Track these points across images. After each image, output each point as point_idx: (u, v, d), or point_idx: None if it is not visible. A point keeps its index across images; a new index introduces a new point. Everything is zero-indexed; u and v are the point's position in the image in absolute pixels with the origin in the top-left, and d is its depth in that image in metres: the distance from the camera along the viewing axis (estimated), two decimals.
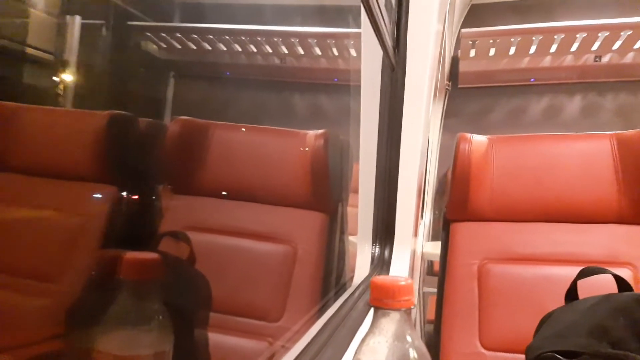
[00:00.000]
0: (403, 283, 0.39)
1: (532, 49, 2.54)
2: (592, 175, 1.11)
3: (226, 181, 1.09)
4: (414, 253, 1.11)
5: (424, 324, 1.76)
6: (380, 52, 1.01)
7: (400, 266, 1.00)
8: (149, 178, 0.84)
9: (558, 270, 1.04)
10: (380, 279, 0.40)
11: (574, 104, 2.71)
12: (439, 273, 1.17)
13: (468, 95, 2.82)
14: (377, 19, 0.78)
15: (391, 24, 0.99)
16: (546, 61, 2.63)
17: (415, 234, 1.09)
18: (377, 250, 1.03)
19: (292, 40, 2.28)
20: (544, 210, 1.12)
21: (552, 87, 2.73)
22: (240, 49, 1.96)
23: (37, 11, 0.51)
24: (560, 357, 0.63)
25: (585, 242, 1.08)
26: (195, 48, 1.46)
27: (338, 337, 0.64)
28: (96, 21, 0.64)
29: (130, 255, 0.46)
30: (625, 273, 1.00)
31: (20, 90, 0.49)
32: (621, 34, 2.36)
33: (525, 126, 2.75)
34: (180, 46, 1.34)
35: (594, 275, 0.76)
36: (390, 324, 0.39)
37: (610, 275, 0.75)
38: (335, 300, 0.85)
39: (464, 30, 2.50)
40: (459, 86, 2.81)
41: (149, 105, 0.86)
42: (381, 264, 1.01)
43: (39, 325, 0.46)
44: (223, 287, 0.98)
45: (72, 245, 0.59)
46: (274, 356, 0.98)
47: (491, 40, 2.50)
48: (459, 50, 2.66)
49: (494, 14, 2.73)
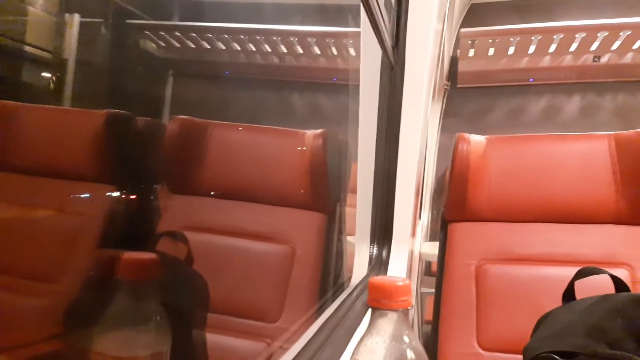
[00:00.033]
0: (401, 283, 0.39)
1: (531, 49, 2.54)
2: (590, 175, 1.11)
3: (224, 181, 1.09)
4: (411, 253, 1.11)
5: (422, 324, 1.77)
6: (379, 52, 1.01)
7: (398, 266, 1.00)
8: (147, 178, 0.83)
9: (555, 270, 1.05)
10: (378, 279, 0.40)
11: (573, 104, 2.71)
12: (437, 273, 1.17)
13: (467, 95, 2.82)
14: (377, 18, 0.78)
15: (390, 23, 0.99)
16: (545, 61, 2.63)
17: (413, 234, 1.10)
18: (375, 251, 1.03)
19: (291, 39, 2.27)
20: (541, 210, 1.12)
21: (551, 87, 2.73)
22: (239, 48, 1.95)
23: (36, 9, 0.51)
24: (558, 358, 0.63)
25: (582, 243, 1.08)
26: (194, 47, 1.46)
27: (336, 338, 0.64)
28: (95, 19, 0.64)
29: (128, 255, 0.46)
30: (622, 273, 1.01)
31: (18, 89, 0.49)
32: (620, 34, 2.36)
33: (524, 126, 2.75)
34: (179, 45, 1.34)
35: (591, 275, 0.77)
36: (387, 324, 0.39)
37: (608, 276, 0.75)
38: (333, 301, 0.85)
39: (463, 30, 2.50)
40: (458, 86, 2.81)
41: (148, 104, 0.86)
42: (379, 264, 1.01)
43: (36, 325, 0.46)
44: (221, 288, 0.98)
45: (70, 245, 0.59)
46: (272, 357, 0.98)
47: (490, 40, 2.50)
48: (458, 50, 2.66)
49: (494, 13, 2.73)
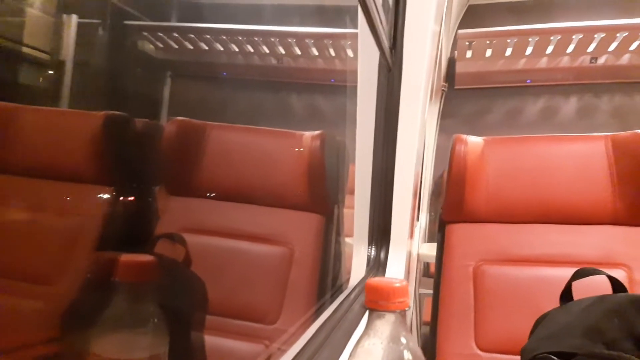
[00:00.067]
0: (398, 285, 0.39)
1: (529, 50, 2.55)
2: (587, 176, 1.11)
3: (222, 182, 1.09)
4: (409, 255, 1.11)
5: (421, 325, 1.77)
6: (376, 53, 1.01)
7: (396, 268, 1.00)
8: (146, 179, 0.83)
9: (553, 271, 1.05)
10: (375, 280, 0.40)
11: (570, 106, 2.72)
12: (435, 275, 1.17)
13: (464, 97, 2.82)
14: (374, 19, 0.78)
15: (388, 24, 0.99)
16: (542, 62, 2.63)
17: (411, 236, 1.10)
18: (373, 252, 1.03)
19: (289, 40, 2.27)
20: (539, 211, 1.13)
21: (549, 89, 2.74)
22: (237, 49, 1.95)
23: (34, 10, 0.51)
24: (555, 358, 0.63)
25: (580, 244, 1.08)
26: (192, 48, 1.46)
27: (334, 339, 0.64)
28: (93, 20, 0.64)
29: (125, 257, 0.46)
30: (619, 274, 1.01)
31: (16, 90, 0.49)
32: (617, 35, 2.37)
33: (521, 127, 2.75)
34: (177, 46, 1.34)
35: (588, 276, 0.77)
36: (385, 325, 0.39)
37: (605, 277, 0.75)
38: (331, 302, 0.85)
39: (460, 31, 2.51)
40: (456, 87, 2.81)
41: (146, 105, 0.86)
42: (377, 265, 1.01)
43: (34, 327, 0.46)
44: (219, 289, 0.98)
45: (68, 247, 0.58)
46: (270, 358, 0.98)
47: (488, 41, 2.51)
48: (456, 51, 2.67)
49: (491, 15, 2.73)
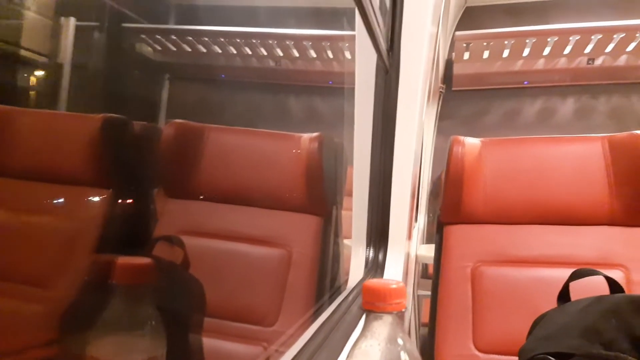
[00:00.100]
0: (394, 286, 0.39)
1: (526, 52, 2.55)
2: (585, 177, 1.12)
3: (221, 185, 1.09)
4: (408, 256, 1.12)
5: (419, 326, 1.77)
6: (374, 55, 1.01)
7: (394, 269, 1.00)
8: (144, 182, 0.83)
9: (551, 272, 1.05)
10: (372, 282, 0.40)
11: (567, 107, 2.72)
12: (433, 276, 1.18)
13: (462, 98, 2.82)
14: (371, 21, 0.78)
15: (385, 26, 1.00)
16: (539, 64, 2.64)
17: (409, 237, 1.10)
18: (371, 254, 1.03)
19: (287, 42, 2.27)
20: (536, 212, 1.13)
21: (546, 90, 2.75)
22: (235, 52, 1.95)
23: (31, 13, 0.51)
24: (553, 359, 0.63)
25: (577, 244, 1.08)
26: (190, 50, 1.46)
27: (332, 341, 0.64)
28: (91, 23, 0.64)
29: (123, 260, 0.46)
30: (617, 274, 1.01)
31: (14, 93, 0.49)
32: (614, 36, 2.37)
33: (519, 128, 2.76)
34: (175, 48, 1.34)
35: (586, 277, 0.77)
36: (382, 327, 0.39)
37: (602, 277, 0.76)
38: (329, 304, 0.85)
39: (458, 33, 2.51)
40: (453, 89, 2.82)
41: (144, 108, 0.86)
42: (375, 267, 1.01)
43: (32, 330, 0.46)
44: (217, 292, 0.98)
45: (66, 249, 0.58)
46: None
47: (485, 43, 2.51)
48: (453, 53, 2.67)
49: (488, 16, 2.74)
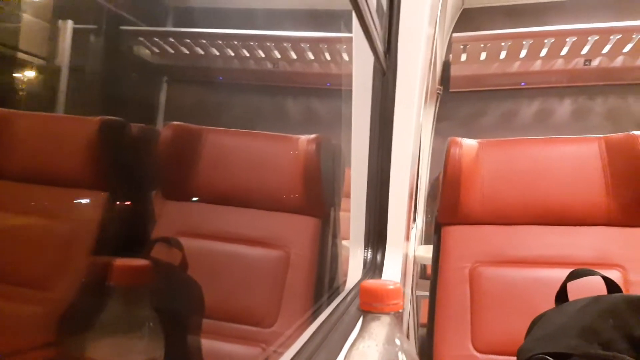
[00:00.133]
0: (391, 287, 0.40)
1: (523, 53, 2.56)
2: (582, 178, 1.12)
3: (219, 186, 1.09)
4: (406, 257, 1.12)
5: (418, 327, 1.77)
6: (371, 57, 1.02)
7: (392, 270, 1.00)
8: (142, 184, 0.83)
9: (548, 272, 1.05)
10: (369, 283, 0.40)
11: (564, 108, 2.73)
12: (431, 277, 1.18)
13: (460, 99, 2.83)
14: (368, 24, 0.78)
15: (382, 28, 1.00)
16: (536, 65, 2.65)
17: (407, 238, 1.10)
18: (370, 255, 1.04)
19: (285, 44, 2.28)
20: (534, 213, 1.13)
21: (543, 91, 2.75)
22: (233, 54, 1.96)
23: (30, 16, 0.51)
24: (551, 359, 0.63)
25: (575, 245, 1.09)
26: (188, 53, 1.46)
27: (330, 342, 0.64)
28: (88, 26, 0.64)
29: (120, 261, 0.46)
30: (614, 275, 1.01)
31: (12, 95, 0.49)
32: (610, 37, 2.38)
33: (516, 129, 2.77)
34: (173, 51, 1.34)
35: (583, 277, 0.77)
36: (379, 327, 0.40)
37: (600, 277, 0.76)
38: (328, 305, 0.85)
39: (455, 35, 2.52)
40: (451, 90, 2.83)
41: (142, 110, 0.86)
42: (373, 268, 1.01)
43: (29, 332, 0.46)
44: (216, 293, 0.98)
45: (64, 252, 0.58)
46: None
47: (482, 45, 2.52)
48: (451, 55, 2.68)
49: (485, 18, 2.75)
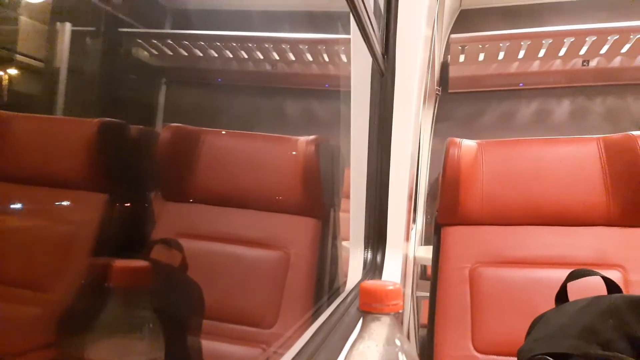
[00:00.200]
0: (391, 287, 0.40)
1: (521, 54, 2.57)
2: (581, 178, 1.12)
3: (218, 188, 1.09)
4: (406, 257, 1.12)
5: (418, 328, 1.77)
6: (369, 58, 1.02)
7: (392, 271, 1.00)
8: (141, 185, 0.83)
9: (548, 272, 1.05)
10: (369, 284, 0.40)
11: (563, 108, 2.74)
12: (431, 277, 1.18)
13: (458, 100, 2.83)
14: (366, 26, 0.78)
15: (380, 30, 1.00)
16: (535, 66, 2.65)
17: (407, 239, 1.10)
18: (369, 255, 1.04)
19: (283, 46, 2.28)
20: (533, 213, 1.13)
21: (541, 92, 2.76)
22: (231, 55, 1.96)
23: (27, 18, 0.51)
24: (551, 359, 0.63)
25: (574, 245, 1.09)
26: (186, 54, 1.46)
27: (330, 343, 0.64)
28: (87, 28, 0.64)
29: (120, 263, 0.46)
30: (614, 275, 1.01)
31: (10, 98, 0.49)
32: (608, 38, 2.39)
33: (515, 130, 2.77)
34: (171, 53, 1.34)
35: (583, 277, 0.77)
36: (379, 328, 0.40)
37: (600, 277, 0.76)
38: (328, 306, 0.85)
39: (453, 36, 2.52)
40: (449, 91, 2.83)
41: (141, 112, 0.86)
42: (373, 268, 1.01)
43: (29, 334, 0.46)
44: (216, 294, 0.98)
45: (63, 253, 0.58)
46: None
47: (480, 46, 2.52)
48: (449, 56, 2.68)
49: (483, 19, 2.75)
